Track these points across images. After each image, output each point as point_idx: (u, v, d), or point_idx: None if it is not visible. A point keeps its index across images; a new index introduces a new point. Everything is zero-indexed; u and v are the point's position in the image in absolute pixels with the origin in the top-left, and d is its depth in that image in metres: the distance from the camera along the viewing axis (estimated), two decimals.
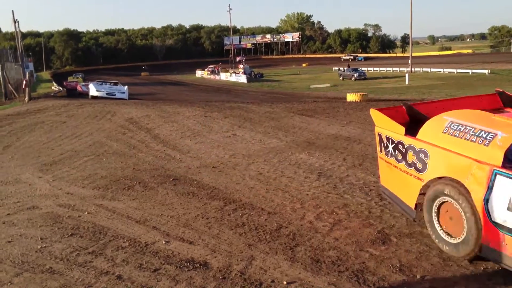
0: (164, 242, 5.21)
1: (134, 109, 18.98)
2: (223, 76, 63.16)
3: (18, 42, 52.58)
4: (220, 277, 4.29)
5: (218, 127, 13.33)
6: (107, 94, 31.04)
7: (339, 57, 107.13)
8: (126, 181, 8.18)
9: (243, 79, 55.82)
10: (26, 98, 29.00)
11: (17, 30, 52.19)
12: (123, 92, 31.71)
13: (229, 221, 5.77)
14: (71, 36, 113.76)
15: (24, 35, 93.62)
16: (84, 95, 34.75)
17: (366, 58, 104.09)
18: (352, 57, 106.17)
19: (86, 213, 6.53)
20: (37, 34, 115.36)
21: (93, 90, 31.42)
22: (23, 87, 31.20)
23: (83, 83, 41.76)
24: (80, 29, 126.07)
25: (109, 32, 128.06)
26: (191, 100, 26.81)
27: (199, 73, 74.51)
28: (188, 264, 4.61)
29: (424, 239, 4.85)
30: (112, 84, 34.46)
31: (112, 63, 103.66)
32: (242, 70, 62.21)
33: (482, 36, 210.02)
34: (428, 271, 4.20)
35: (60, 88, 41.76)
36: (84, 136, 13.73)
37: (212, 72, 69.08)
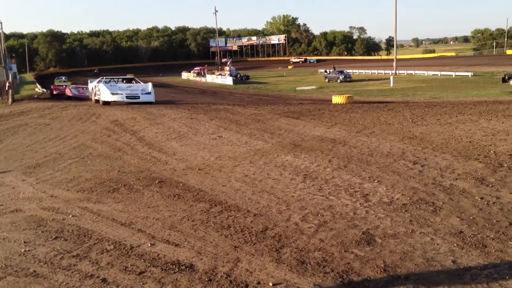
0: (149, 245, 5.19)
1: (119, 111, 18.85)
2: (209, 78, 63.08)
3: (1, 43, 51.92)
4: (206, 279, 4.29)
5: (204, 129, 13.31)
6: (127, 97, 22.17)
7: (288, 60, 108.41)
8: (111, 184, 8.13)
9: (229, 81, 55.80)
10: (9, 100, 28.68)
11: (0, 31, 51.57)
12: (149, 93, 22.91)
13: (215, 223, 5.77)
14: (55, 37, 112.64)
15: (7, 36, 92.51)
16: (76, 99, 31.51)
17: (318, 60, 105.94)
18: (302, 59, 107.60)
19: (70, 216, 6.48)
20: (20, 36, 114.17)
21: (105, 93, 22.32)
22: (6, 89, 30.81)
23: (73, 86, 39.46)
24: (64, 31, 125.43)
25: (94, 34, 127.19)
26: (176, 102, 26.71)
27: (185, 75, 74.37)
28: (174, 266, 4.60)
29: (409, 240, 4.90)
30: (125, 81, 25.53)
31: (97, 65, 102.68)
32: (228, 72, 62.22)
33: (465, 39, 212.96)
34: (412, 271, 4.24)
35: (44, 90, 41.24)
36: (68, 138, 13.60)
37: (198, 74, 69.02)
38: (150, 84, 24.04)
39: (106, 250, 5.12)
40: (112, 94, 22.18)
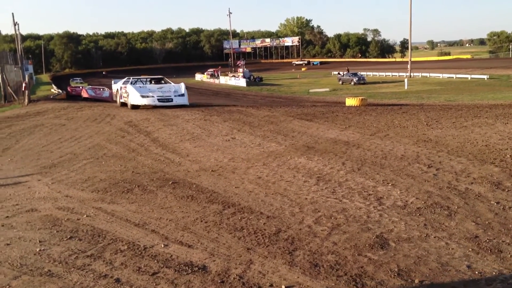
0: (162, 246, 5.21)
1: (133, 112, 18.98)
2: (223, 79, 63.27)
3: (18, 44, 52.67)
4: (219, 281, 4.29)
5: (217, 130, 13.34)
6: (159, 100, 19.93)
7: (290, 62, 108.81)
8: (125, 184, 8.18)
9: (242, 82, 55.92)
10: (26, 101, 29.01)
11: (17, 32, 52.33)
12: (182, 94, 20.66)
13: (228, 225, 5.78)
14: (71, 39, 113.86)
15: (24, 38, 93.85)
16: (93, 100, 31.61)
17: (322, 63, 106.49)
18: (306, 62, 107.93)
19: (85, 216, 6.53)
20: (37, 37, 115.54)
21: (134, 96, 20.02)
22: (23, 89, 31.17)
23: (90, 87, 39.06)
24: (80, 32, 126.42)
25: (109, 35, 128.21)
26: (190, 103, 26.77)
27: (198, 76, 74.69)
28: (187, 267, 4.61)
29: (423, 244, 4.85)
30: (154, 82, 23.02)
31: (111, 66, 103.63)
32: (242, 74, 62.42)
33: (481, 42, 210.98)
34: (426, 276, 4.21)
35: (60, 90, 41.65)
36: (83, 139, 13.73)
37: (212, 75, 69.29)
38: (182, 85, 21.50)
39: (120, 250, 5.16)
40: (142, 96, 19.84)
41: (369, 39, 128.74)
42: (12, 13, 49.60)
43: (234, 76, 63.36)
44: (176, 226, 5.86)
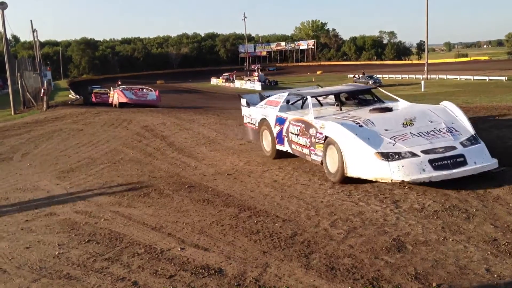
0: (179, 249, 5.25)
1: (149, 116, 19.13)
2: (238, 83, 63.54)
3: (37, 51, 53.53)
4: (235, 284, 4.30)
5: (233, 134, 13.37)
6: (435, 165, 6.49)
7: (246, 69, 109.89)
8: (142, 188, 8.25)
9: (257, 86, 56.09)
10: (44, 106, 29.42)
11: (36, 39, 53.21)
12: (475, 139, 7.08)
13: (244, 228, 5.79)
14: (88, 45, 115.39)
15: (42, 44, 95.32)
16: (135, 105, 27.09)
17: (279, 68, 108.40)
18: (260, 67, 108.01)
19: (102, 219, 6.61)
20: (55, 43, 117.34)
21: (365, 155, 6.75)
22: (41, 95, 31.59)
23: (124, 87, 33.12)
24: (97, 38, 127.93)
25: (126, 41, 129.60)
26: (205, 107, 26.88)
27: (214, 81, 75.08)
28: (203, 270, 4.63)
29: (441, 247, 4.81)
30: (344, 98, 9.39)
31: (128, 72, 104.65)
32: (257, 78, 62.60)
33: (499, 43, 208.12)
34: (444, 279, 4.17)
35: (78, 96, 42.11)
36: (100, 143, 13.87)
37: (227, 80, 69.64)
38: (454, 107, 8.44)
39: (137, 253, 5.21)
40: (390, 157, 6.65)
41: (385, 41, 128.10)
42: (31, 20, 50.54)
43: (249, 80, 63.64)
44: (193, 230, 5.89)
